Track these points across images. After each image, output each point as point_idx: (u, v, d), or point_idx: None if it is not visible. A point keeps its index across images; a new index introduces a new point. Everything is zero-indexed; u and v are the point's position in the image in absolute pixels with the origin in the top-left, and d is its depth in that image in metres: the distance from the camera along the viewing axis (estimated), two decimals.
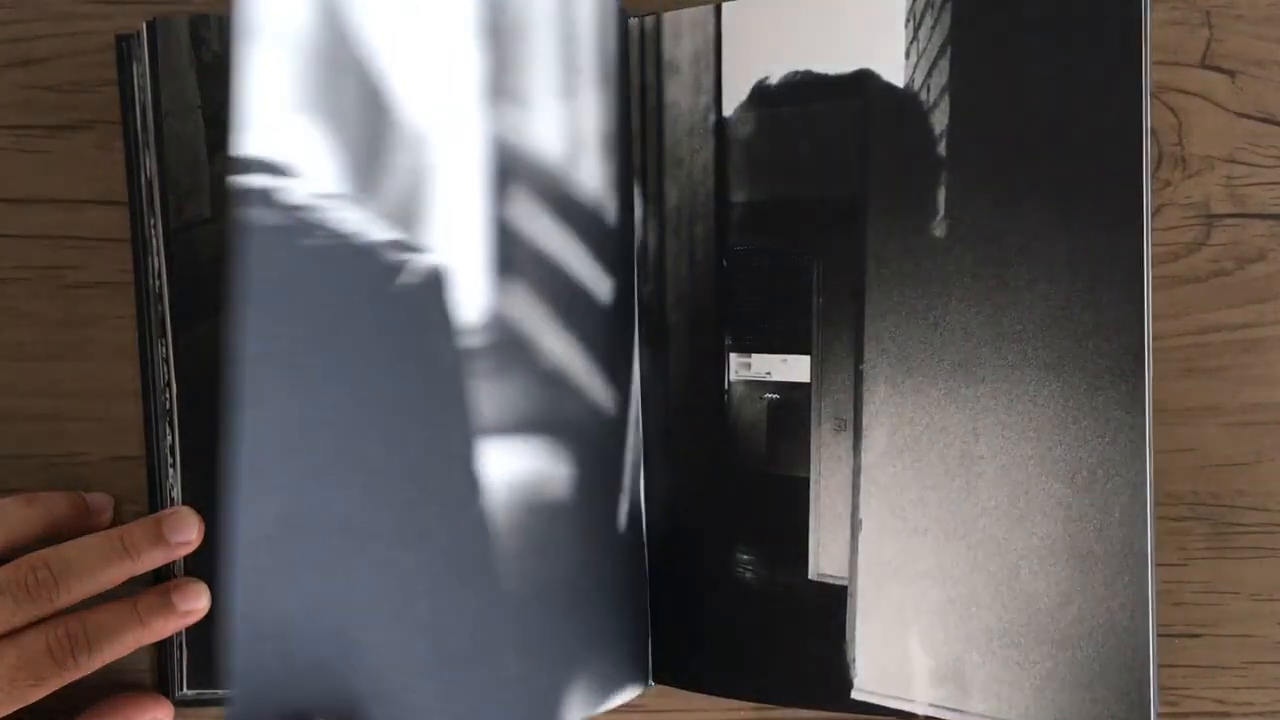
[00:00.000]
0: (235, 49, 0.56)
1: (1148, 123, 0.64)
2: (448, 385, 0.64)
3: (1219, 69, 0.72)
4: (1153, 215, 0.72)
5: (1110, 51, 0.65)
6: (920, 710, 0.69)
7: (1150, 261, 0.65)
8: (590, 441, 0.69)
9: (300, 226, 0.58)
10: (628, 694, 0.72)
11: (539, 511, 0.67)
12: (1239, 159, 0.72)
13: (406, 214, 0.62)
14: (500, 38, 0.64)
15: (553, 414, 0.68)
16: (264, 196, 0.57)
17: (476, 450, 0.65)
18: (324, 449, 0.61)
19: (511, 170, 0.65)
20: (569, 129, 0.67)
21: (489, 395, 0.65)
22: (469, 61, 0.63)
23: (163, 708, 0.73)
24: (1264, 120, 0.72)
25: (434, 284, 0.63)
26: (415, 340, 0.63)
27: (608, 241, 0.70)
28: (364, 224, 0.60)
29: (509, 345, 0.66)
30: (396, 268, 0.62)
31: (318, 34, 0.58)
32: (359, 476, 0.62)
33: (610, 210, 0.70)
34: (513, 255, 0.66)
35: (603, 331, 0.69)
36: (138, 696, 0.72)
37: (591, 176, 0.69)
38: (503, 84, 0.64)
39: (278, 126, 0.57)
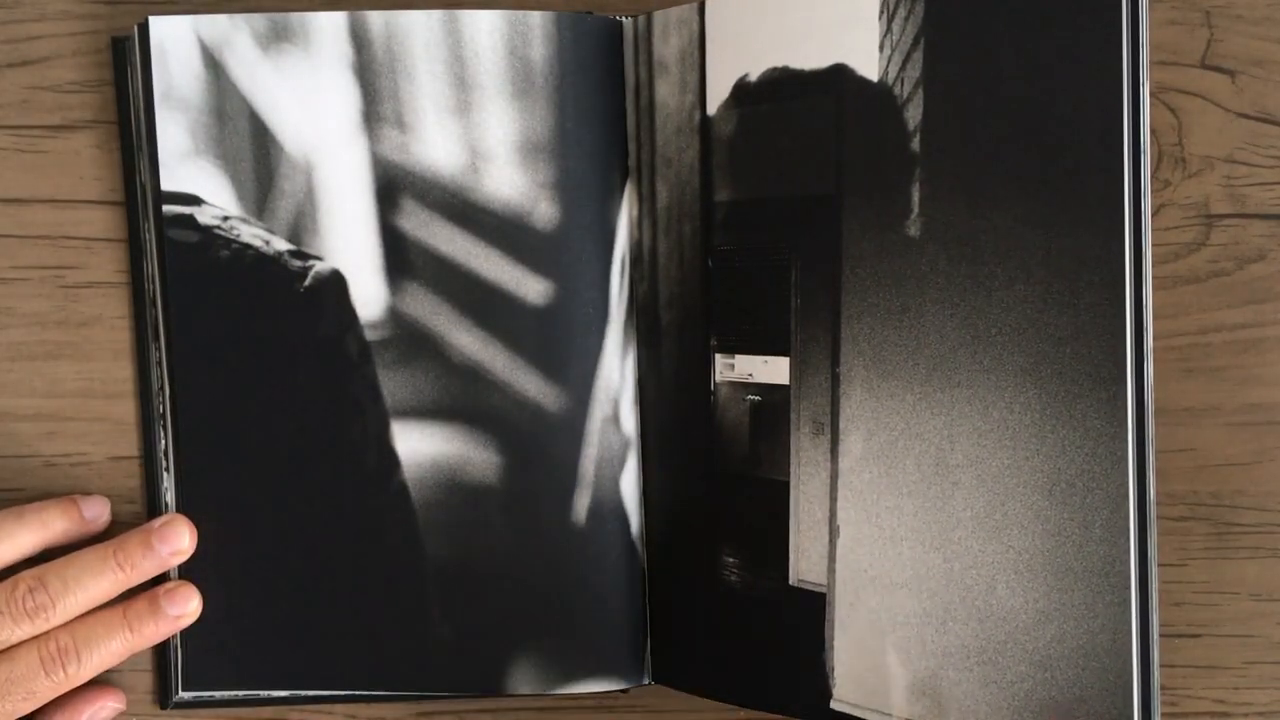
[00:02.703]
0: (149, 112, 0.71)
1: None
2: (358, 372, 0.73)
3: (1219, 69, 0.72)
4: (1153, 215, 0.72)
5: (1088, 43, 0.62)
6: None
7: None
8: (522, 433, 0.72)
9: (212, 242, 0.72)
10: (604, 684, 0.73)
11: (461, 491, 0.73)
12: (1239, 159, 0.72)
13: (300, 228, 0.72)
14: (372, 73, 0.71)
15: (469, 403, 0.73)
16: (182, 220, 0.72)
17: (392, 431, 0.73)
18: (250, 430, 0.73)
19: (398, 184, 0.72)
20: (465, 143, 0.71)
21: (399, 382, 0.73)
22: (344, 97, 0.72)
23: (113, 696, 0.73)
24: (1264, 120, 0.72)
25: (334, 285, 0.72)
26: (323, 333, 0.72)
27: (537, 245, 0.71)
28: (265, 238, 0.72)
29: (413, 338, 0.72)
30: (299, 273, 0.72)
31: (208, 95, 0.71)
32: (285, 455, 0.73)
33: (539, 214, 0.71)
34: (406, 259, 0.72)
35: (534, 331, 0.72)
36: (88, 689, 0.72)
37: (505, 184, 0.71)
38: (379, 112, 0.72)
39: (185, 167, 0.72)
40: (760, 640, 0.71)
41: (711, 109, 0.70)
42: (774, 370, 0.69)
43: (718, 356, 0.71)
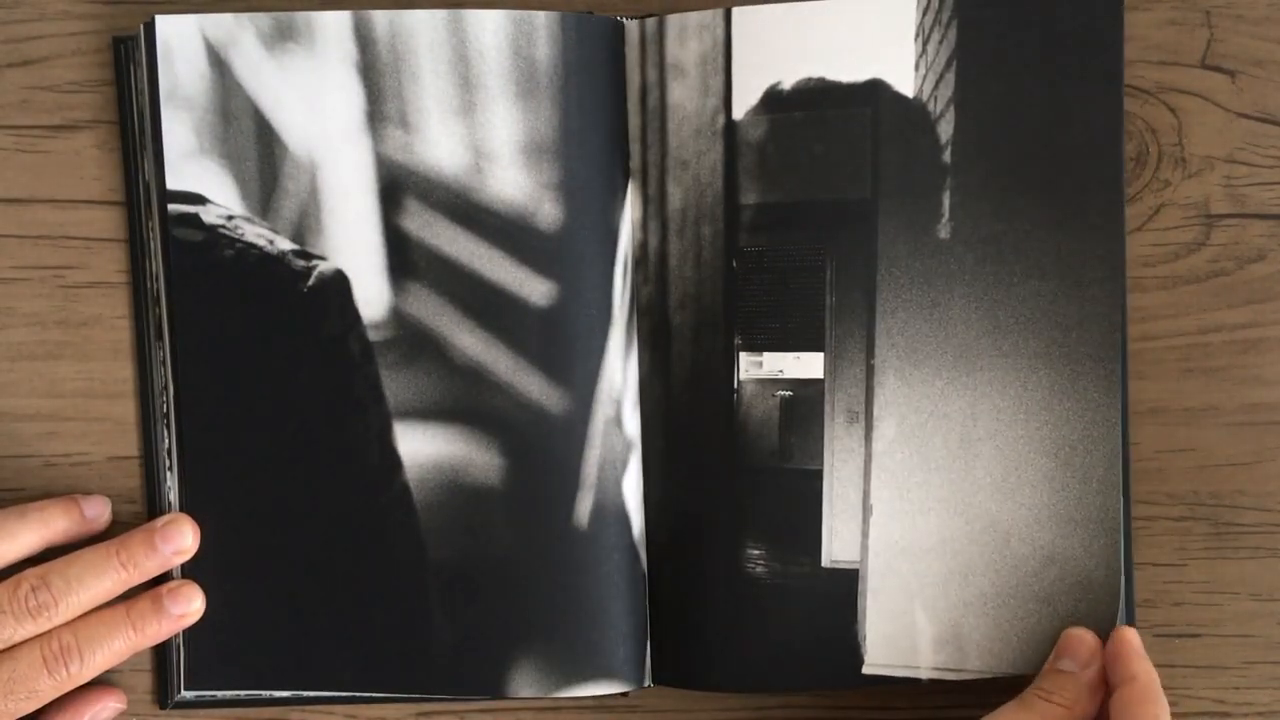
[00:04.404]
0: (154, 111, 0.71)
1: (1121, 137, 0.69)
2: (361, 372, 0.72)
3: (1219, 69, 0.72)
4: (1153, 215, 0.72)
5: (1092, 72, 0.70)
6: (924, 675, 0.72)
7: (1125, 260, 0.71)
8: (524, 434, 0.72)
9: (217, 242, 0.72)
10: (605, 687, 0.73)
11: (463, 492, 0.73)
12: (1239, 159, 0.72)
13: (304, 228, 0.72)
14: (376, 72, 0.71)
15: (472, 404, 0.72)
16: (186, 219, 0.71)
17: (395, 432, 0.73)
18: (253, 429, 0.73)
19: (402, 184, 0.72)
20: (469, 143, 0.71)
21: (402, 383, 0.72)
22: (348, 96, 0.72)
23: (114, 696, 0.73)
24: (1264, 120, 0.72)
25: (337, 285, 0.72)
26: (326, 333, 0.72)
27: (540, 246, 0.71)
28: (269, 237, 0.72)
29: (416, 339, 0.72)
30: (303, 272, 0.72)
31: (213, 94, 0.71)
32: (287, 455, 0.73)
33: (543, 215, 0.71)
34: (410, 259, 0.72)
35: (537, 332, 0.72)
36: (90, 689, 0.72)
37: (508, 185, 0.71)
38: (383, 111, 0.72)
39: (189, 167, 0.71)
40: (789, 624, 0.72)
41: (738, 114, 0.71)
42: (807, 365, 0.72)
43: (743, 355, 0.71)
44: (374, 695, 0.74)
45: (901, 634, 0.72)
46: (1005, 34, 0.70)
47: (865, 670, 0.72)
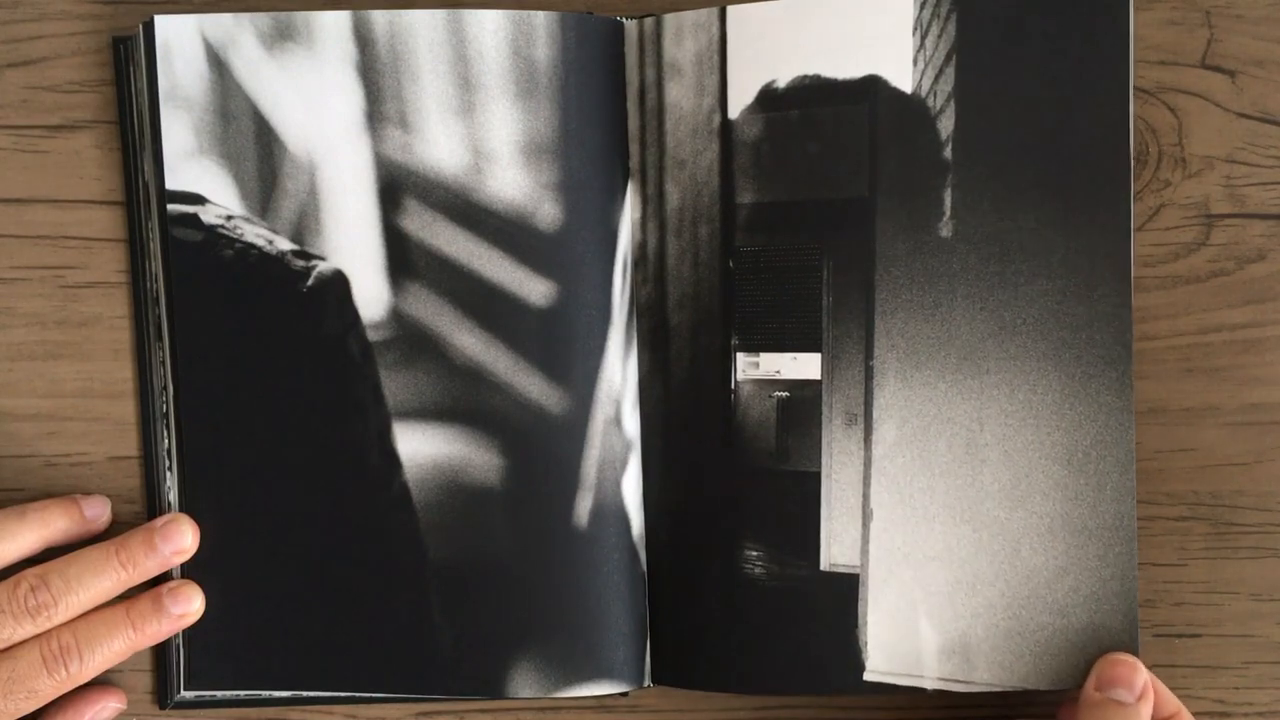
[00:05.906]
0: (153, 112, 0.71)
1: (1132, 134, 0.67)
2: (360, 373, 0.72)
3: (1219, 69, 0.72)
4: (1153, 215, 0.72)
5: (1099, 66, 0.69)
6: (929, 685, 0.71)
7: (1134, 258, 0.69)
8: (524, 435, 0.72)
9: (216, 242, 0.72)
10: (604, 687, 0.73)
11: (463, 492, 0.73)
12: (1239, 159, 0.72)
13: (303, 228, 0.72)
14: (376, 72, 0.71)
15: (471, 404, 0.72)
16: (185, 219, 0.71)
17: (394, 432, 0.73)
18: (252, 430, 0.72)
19: (401, 184, 0.72)
20: (468, 143, 0.71)
21: (401, 383, 0.72)
22: (347, 96, 0.72)
23: (114, 696, 0.73)
24: (1264, 120, 0.72)
25: (336, 285, 0.72)
26: (325, 333, 0.72)
27: (539, 246, 0.71)
28: (268, 237, 0.72)
29: (416, 339, 0.72)
30: (302, 273, 0.72)
31: (212, 94, 0.71)
32: (287, 455, 0.73)
33: (542, 215, 0.71)
34: (409, 259, 0.72)
35: (537, 332, 0.72)
36: (90, 689, 0.72)
37: (508, 185, 0.71)
38: (382, 111, 0.72)
39: (188, 167, 0.72)
40: (788, 626, 0.72)
41: (734, 113, 0.71)
42: (804, 366, 0.71)
43: (740, 355, 0.71)
44: (374, 695, 0.74)
45: (905, 642, 0.71)
46: (1007, 27, 0.69)
47: (867, 677, 0.72)
